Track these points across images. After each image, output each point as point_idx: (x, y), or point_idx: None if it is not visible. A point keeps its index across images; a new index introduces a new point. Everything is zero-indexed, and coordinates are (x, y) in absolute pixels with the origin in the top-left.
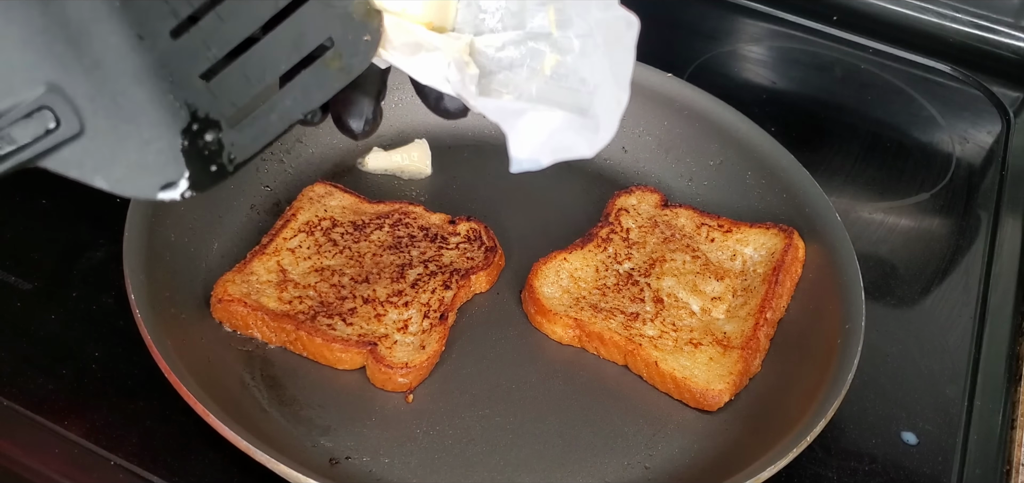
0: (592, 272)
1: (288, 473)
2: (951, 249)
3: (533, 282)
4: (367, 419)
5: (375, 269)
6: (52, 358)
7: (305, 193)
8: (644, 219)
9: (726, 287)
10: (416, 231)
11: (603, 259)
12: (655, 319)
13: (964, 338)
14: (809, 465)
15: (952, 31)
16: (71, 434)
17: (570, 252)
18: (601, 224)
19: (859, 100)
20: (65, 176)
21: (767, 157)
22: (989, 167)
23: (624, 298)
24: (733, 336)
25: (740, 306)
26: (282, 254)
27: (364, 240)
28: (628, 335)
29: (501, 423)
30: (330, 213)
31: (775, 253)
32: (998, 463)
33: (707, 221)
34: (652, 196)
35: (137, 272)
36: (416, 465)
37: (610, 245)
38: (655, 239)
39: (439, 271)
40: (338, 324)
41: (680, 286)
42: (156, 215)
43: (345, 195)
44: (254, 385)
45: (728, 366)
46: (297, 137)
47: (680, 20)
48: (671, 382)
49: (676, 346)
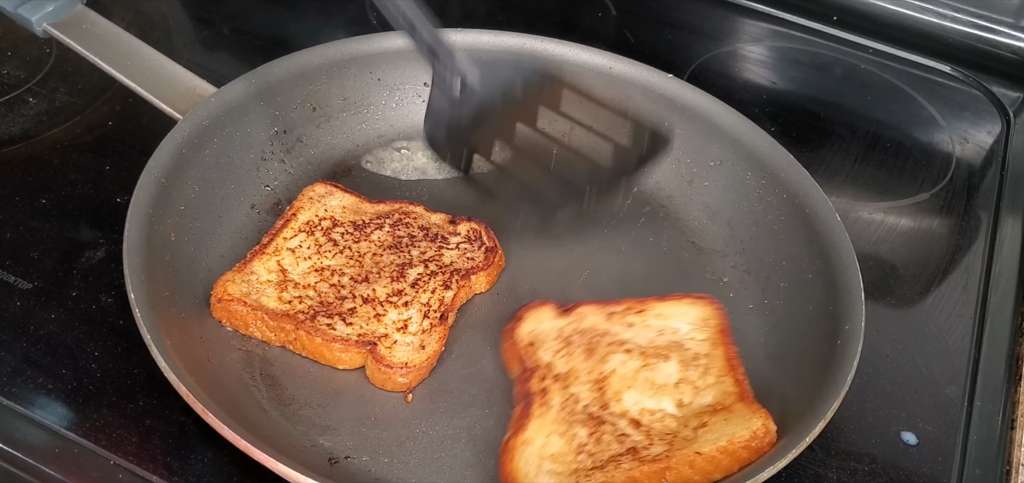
0: (559, 440)
1: (287, 472)
2: (951, 249)
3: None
4: (366, 419)
5: (375, 269)
6: (52, 358)
7: (305, 193)
8: (554, 340)
9: (678, 363)
10: (416, 231)
11: (556, 418)
12: (652, 439)
13: (964, 338)
14: (809, 465)
15: (952, 31)
16: (71, 434)
17: (524, 430)
18: (525, 375)
19: (859, 100)
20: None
21: (767, 158)
22: (989, 167)
23: (610, 444)
24: (722, 400)
25: (701, 375)
26: (282, 254)
27: (364, 240)
28: (647, 466)
29: (500, 423)
30: (330, 213)
31: (708, 319)
32: (998, 463)
33: (614, 308)
34: (544, 310)
35: (137, 271)
36: (415, 465)
37: (550, 396)
38: (579, 358)
39: (439, 271)
40: (338, 324)
41: (642, 397)
42: (156, 214)
43: (346, 195)
44: (253, 384)
45: (744, 411)
46: (298, 137)
47: (680, 20)
48: (722, 456)
49: (692, 437)
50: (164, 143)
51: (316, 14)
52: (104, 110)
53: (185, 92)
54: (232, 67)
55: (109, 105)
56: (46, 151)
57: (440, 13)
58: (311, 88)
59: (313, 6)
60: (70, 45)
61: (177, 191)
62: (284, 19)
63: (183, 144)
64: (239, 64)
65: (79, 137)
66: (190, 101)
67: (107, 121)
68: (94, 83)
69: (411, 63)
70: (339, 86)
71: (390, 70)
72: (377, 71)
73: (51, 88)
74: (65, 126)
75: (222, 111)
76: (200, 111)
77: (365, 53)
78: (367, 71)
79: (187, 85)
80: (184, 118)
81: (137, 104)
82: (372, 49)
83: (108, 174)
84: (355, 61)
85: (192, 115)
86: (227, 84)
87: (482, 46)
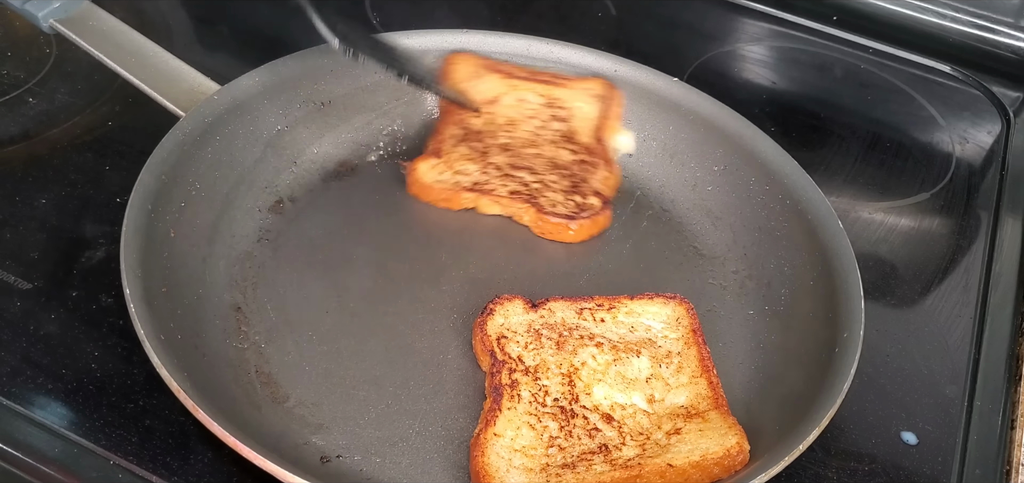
0: (529, 432)
1: (275, 469)
2: (951, 249)
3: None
4: (360, 418)
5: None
6: (52, 358)
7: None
8: (524, 335)
9: (650, 359)
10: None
11: (527, 410)
12: (623, 438)
13: (964, 338)
14: (809, 465)
15: (952, 31)
16: (71, 434)
17: (494, 424)
18: (494, 367)
19: (859, 100)
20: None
21: (771, 163)
22: (989, 167)
23: (581, 438)
24: (698, 403)
25: (675, 373)
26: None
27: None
28: (619, 471)
29: None
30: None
31: (680, 319)
32: (998, 463)
33: (584, 304)
34: (514, 304)
35: (133, 267)
36: (407, 465)
37: (519, 389)
38: (549, 352)
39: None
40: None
41: (612, 390)
42: (156, 210)
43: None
44: (248, 381)
45: (720, 423)
46: (302, 135)
47: (680, 20)
48: (693, 471)
49: (665, 444)
50: (166, 139)
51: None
52: (104, 110)
53: (189, 89)
54: (232, 67)
55: (109, 105)
56: (46, 151)
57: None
58: (317, 87)
59: (313, 6)
60: (76, 41)
61: (178, 188)
62: (284, 19)
63: (185, 141)
64: (239, 64)
65: (79, 137)
66: (194, 99)
67: (107, 121)
68: (94, 83)
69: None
70: (344, 85)
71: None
72: (382, 70)
73: (51, 88)
74: (65, 126)
75: (225, 108)
76: (203, 108)
77: None
78: (371, 70)
79: (191, 83)
80: (187, 115)
81: (137, 104)
82: None
83: (108, 174)
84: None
85: (195, 112)
86: (231, 81)
87: (487, 49)
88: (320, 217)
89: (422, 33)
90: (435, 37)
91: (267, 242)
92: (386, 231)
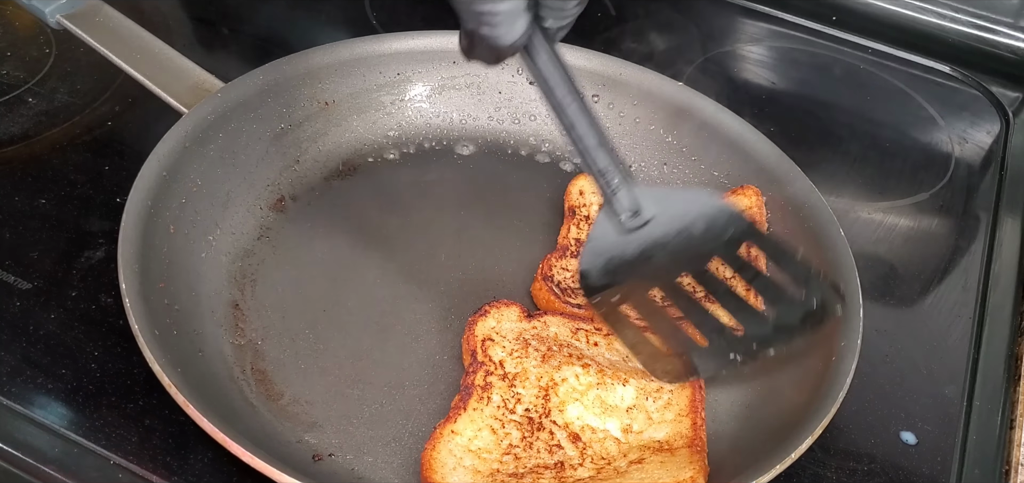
0: (490, 436)
1: (264, 467)
2: (950, 249)
3: (431, 477)
4: (354, 417)
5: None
6: (52, 358)
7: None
8: (512, 342)
9: (637, 391)
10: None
11: (493, 414)
12: (584, 459)
13: (963, 338)
14: (809, 465)
15: (952, 31)
16: (71, 434)
17: (455, 421)
18: (472, 366)
19: (858, 100)
20: None
21: (771, 167)
22: (988, 167)
23: (540, 451)
24: (673, 440)
25: (662, 409)
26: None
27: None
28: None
29: None
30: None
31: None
32: (997, 463)
33: (582, 325)
34: (510, 310)
35: (131, 261)
36: (399, 465)
37: (491, 392)
38: (533, 362)
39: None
40: None
41: (587, 412)
42: (156, 206)
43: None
44: (243, 379)
45: (684, 457)
46: (304, 135)
47: (679, 20)
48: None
49: (624, 471)
50: (168, 135)
51: (316, 14)
52: (104, 110)
53: (193, 87)
54: (232, 67)
55: (109, 105)
56: (46, 151)
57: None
58: (320, 86)
59: (313, 6)
60: (82, 37)
61: (179, 184)
62: (284, 19)
63: (187, 137)
64: (238, 64)
65: (79, 137)
66: (197, 96)
67: (107, 121)
68: (94, 83)
69: (422, 64)
70: (348, 85)
71: (400, 71)
72: (387, 71)
73: (51, 88)
74: (65, 126)
75: (228, 106)
76: (206, 106)
77: (375, 53)
78: (377, 71)
79: (195, 80)
80: (189, 112)
81: (137, 104)
82: (383, 50)
83: (108, 174)
84: (365, 61)
85: (198, 109)
86: (235, 79)
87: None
88: (321, 216)
89: (422, 34)
90: (435, 37)
91: (267, 240)
92: (386, 231)
